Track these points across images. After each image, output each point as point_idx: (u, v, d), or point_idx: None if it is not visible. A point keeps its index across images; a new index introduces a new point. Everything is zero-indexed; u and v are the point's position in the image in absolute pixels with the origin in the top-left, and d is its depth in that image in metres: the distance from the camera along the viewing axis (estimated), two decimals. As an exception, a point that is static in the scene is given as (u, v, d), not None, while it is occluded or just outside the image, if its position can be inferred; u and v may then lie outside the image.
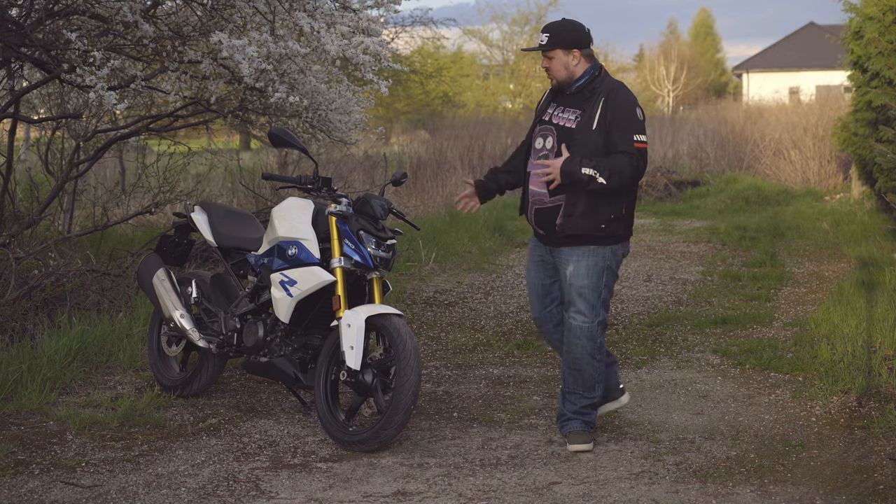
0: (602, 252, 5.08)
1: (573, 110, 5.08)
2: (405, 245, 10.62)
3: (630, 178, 4.94)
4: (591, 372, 5.14)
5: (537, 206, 5.15)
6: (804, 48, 45.76)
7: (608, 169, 4.88)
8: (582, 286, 5.08)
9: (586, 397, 5.17)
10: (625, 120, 4.97)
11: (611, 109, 4.98)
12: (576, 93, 5.11)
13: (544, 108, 5.25)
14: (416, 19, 24.75)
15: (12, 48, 6.86)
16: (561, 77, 5.11)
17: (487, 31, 43.48)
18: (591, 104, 5.03)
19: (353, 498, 4.54)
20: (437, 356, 7.05)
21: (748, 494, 4.52)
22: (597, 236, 5.04)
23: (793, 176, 18.64)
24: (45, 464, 4.92)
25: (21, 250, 7.50)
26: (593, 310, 5.09)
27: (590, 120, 5.00)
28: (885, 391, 5.72)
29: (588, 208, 4.99)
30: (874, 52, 10.57)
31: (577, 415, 5.18)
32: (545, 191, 5.09)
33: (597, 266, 5.08)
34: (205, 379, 5.97)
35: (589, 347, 5.10)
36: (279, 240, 5.53)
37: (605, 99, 5.01)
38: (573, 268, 5.09)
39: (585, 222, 5.01)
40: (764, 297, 8.86)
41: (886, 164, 9.24)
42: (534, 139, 5.22)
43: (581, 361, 5.12)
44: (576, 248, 5.08)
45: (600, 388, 5.21)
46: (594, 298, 5.09)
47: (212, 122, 9.54)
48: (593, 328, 5.10)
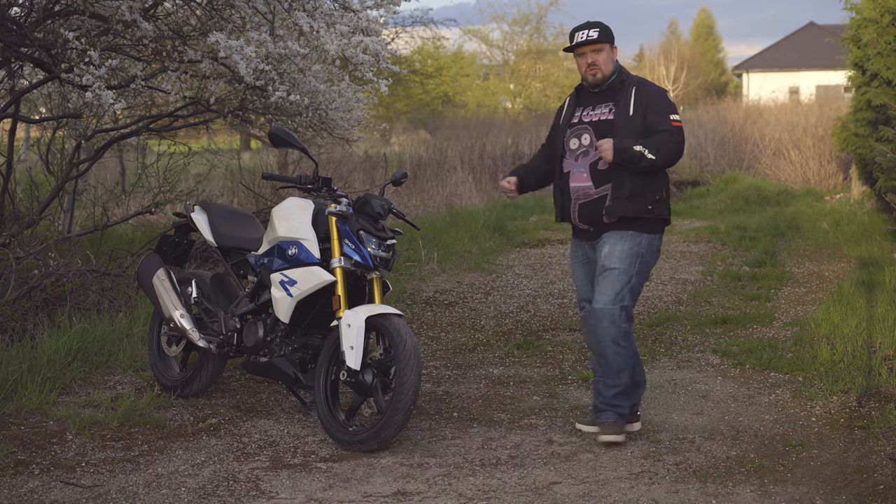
0: (639, 238, 5.19)
1: (605, 104, 5.28)
2: (405, 245, 10.63)
3: (674, 153, 5.16)
4: (615, 357, 5.17)
5: (582, 201, 5.26)
6: (804, 48, 45.74)
7: (654, 145, 5.10)
8: (613, 267, 5.16)
9: (611, 385, 5.20)
10: (660, 102, 5.23)
11: (644, 95, 5.22)
12: (607, 88, 5.30)
13: (571, 114, 5.38)
14: (416, 20, 24.78)
15: (12, 48, 6.86)
16: (607, 71, 5.29)
17: (488, 31, 43.49)
18: (622, 95, 5.25)
19: (353, 498, 4.54)
20: (437, 356, 7.05)
21: (748, 494, 4.51)
22: (643, 218, 5.18)
23: (793, 176, 18.64)
24: (45, 464, 4.92)
25: (21, 250, 7.50)
26: (618, 294, 5.15)
27: (626, 107, 5.20)
28: (885, 391, 5.72)
29: (635, 191, 5.15)
30: (873, 53, 10.58)
31: (608, 406, 5.21)
32: (590, 183, 5.22)
33: (631, 251, 5.18)
34: (205, 379, 5.97)
35: (611, 331, 5.14)
36: (279, 240, 5.53)
37: (636, 87, 5.25)
38: (608, 249, 5.19)
39: (634, 204, 5.15)
40: (764, 297, 8.86)
41: (886, 163, 9.24)
42: (567, 141, 5.34)
43: (604, 346, 5.17)
44: (615, 232, 5.20)
45: (625, 375, 5.20)
46: (621, 282, 5.15)
47: (212, 122, 9.54)
48: (614, 311, 5.13)
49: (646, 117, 5.17)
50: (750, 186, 17.32)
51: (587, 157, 5.25)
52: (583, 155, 5.27)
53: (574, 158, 5.30)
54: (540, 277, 10.00)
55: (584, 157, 5.26)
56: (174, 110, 8.95)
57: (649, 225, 5.23)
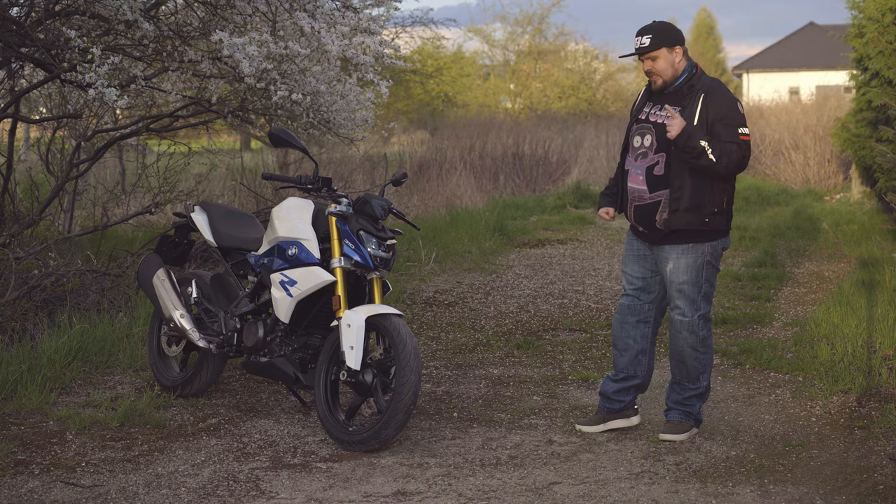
0: (701, 248, 5.17)
1: (673, 107, 5.12)
2: (405, 245, 10.62)
3: (736, 164, 5.04)
4: (694, 363, 5.26)
5: (637, 203, 5.22)
6: (804, 48, 45.71)
7: (719, 149, 4.98)
8: (682, 283, 5.17)
9: (691, 388, 5.30)
10: (729, 113, 5.08)
11: (713, 105, 5.07)
12: (674, 91, 5.17)
13: (640, 108, 5.30)
14: (416, 20, 24.72)
15: (12, 48, 6.86)
16: (667, 76, 5.17)
17: (491, 31, 43.45)
18: (690, 101, 5.11)
19: (353, 498, 4.54)
20: (437, 356, 7.05)
21: (748, 494, 4.52)
22: (700, 230, 5.12)
23: (793, 176, 18.64)
24: (45, 464, 4.92)
25: (21, 250, 7.50)
26: (693, 305, 5.19)
27: (691, 116, 5.06)
28: (885, 391, 5.72)
29: (693, 203, 5.06)
30: (874, 52, 10.59)
31: (678, 405, 5.31)
32: (645, 187, 5.17)
33: (696, 262, 5.17)
34: (205, 379, 5.97)
35: (690, 340, 5.21)
36: (279, 240, 5.53)
37: (704, 95, 5.10)
38: (673, 265, 5.18)
39: (690, 217, 5.08)
40: (764, 297, 8.86)
41: (886, 164, 9.25)
42: (631, 138, 5.29)
43: (683, 354, 5.25)
44: (675, 246, 5.16)
45: (706, 378, 5.31)
46: (694, 294, 5.18)
47: (212, 122, 9.54)
48: (693, 322, 5.20)
49: (713, 128, 5.02)
50: (750, 186, 17.32)
51: (645, 160, 5.17)
52: (642, 156, 5.19)
53: (634, 158, 5.24)
54: (540, 277, 10.00)
55: (643, 159, 5.18)
56: (174, 110, 8.95)
57: (708, 234, 5.15)
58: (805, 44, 46.04)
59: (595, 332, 7.68)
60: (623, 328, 5.41)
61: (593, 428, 5.40)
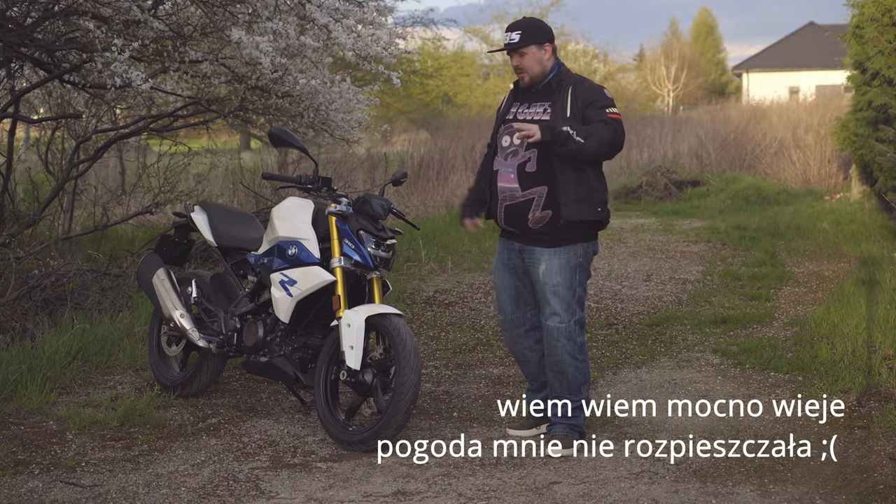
0: (574, 249, 5.10)
1: (541, 104, 5.11)
2: (405, 245, 10.62)
3: (608, 142, 4.93)
4: (575, 373, 5.15)
5: (508, 203, 5.13)
6: (804, 48, 45.72)
7: (585, 131, 4.90)
8: (556, 284, 5.08)
9: (573, 400, 5.18)
10: (596, 98, 5.04)
11: (581, 93, 5.04)
12: (543, 88, 5.14)
13: (507, 109, 5.25)
14: (416, 20, 24.74)
15: (12, 48, 6.86)
16: (535, 72, 5.13)
17: (489, 31, 43.47)
18: (559, 95, 5.07)
19: (353, 498, 4.54)
20: (437, 356, 7.05)
21: (748, 494, 4.52)
22: (576, 231, 5.04)
23: (793, 176, 18.62)
24: (45, 464, 4.92)
25: (21, 250, 7.50)
26: (569, 308, 5.10)
27: (563, 108, 5.03)
28: (885, 391, 5.72)
29: (580, 193, 5.00)
30: (874, 52, 10.59)
31: (562, 419, 5.18)
32: (516, 185, 5.08)
33: (569, 263, 5.09)
34: (205, 379, 5.97)
35: (569, 348, 5.11)
36: (279, 239, 5.53)
37: (572, 87, 5.07)
38: (545, 266, 5.10)
39: (583, 207, 5.01)
40: (764, 296, 8.86)
41: (886, 163, 9.25)
42: (500, 138, 5.21)
43: (563, 363, 5.13)
44: (547, 249, 5.09)
45: (587, 388, 5.22)
46: (569, 297, 5.09)
47: (212, 122, 9.54)
48: (570, 328, 5.10)
49: (583, 114, 4.99)
50: (750, 186, 17.30)
51: (516, 157, 5.10)
52: (512, 154, 5.12)
53: (504, 157, 5.15)
54: (540, 277, 9.99)
55: (514, 157, 5.11)
56: (174, 110, 8.95)
57: (582, 234, 5.10)
58: (805, 44, 46.05)
59: (595, 331, 7.67)
60: (514, 342, 5.36)
61: (524, 432, 5.33)
